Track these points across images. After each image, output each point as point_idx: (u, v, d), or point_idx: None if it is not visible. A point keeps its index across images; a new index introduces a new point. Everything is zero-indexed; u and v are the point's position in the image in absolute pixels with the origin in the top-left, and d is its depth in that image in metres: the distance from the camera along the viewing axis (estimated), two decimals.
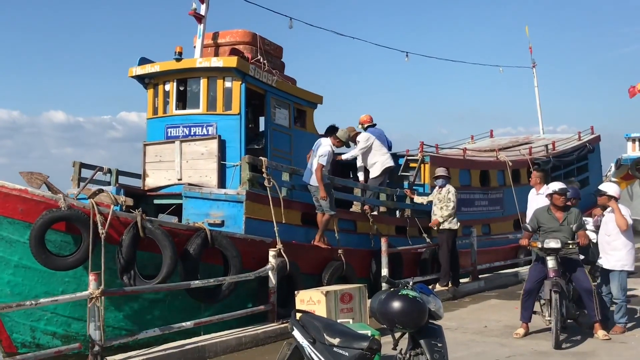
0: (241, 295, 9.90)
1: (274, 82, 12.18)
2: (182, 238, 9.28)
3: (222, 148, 11.28)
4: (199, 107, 11.71)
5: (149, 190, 11.75)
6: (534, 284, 9.17)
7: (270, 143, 12.12)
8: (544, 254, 9.00)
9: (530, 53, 27.86)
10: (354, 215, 12.84)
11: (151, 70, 11.98)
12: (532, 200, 11.48)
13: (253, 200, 10.49)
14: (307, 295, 9.08)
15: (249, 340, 8.94)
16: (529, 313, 9.29)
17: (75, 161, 12.19)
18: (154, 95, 12.22)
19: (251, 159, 10.62)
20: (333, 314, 8.81)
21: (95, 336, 7.55)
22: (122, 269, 8.79)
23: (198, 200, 10.68)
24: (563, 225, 9.13)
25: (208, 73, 11.62)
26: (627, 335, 9.26)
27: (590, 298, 8.98)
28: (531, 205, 11.28)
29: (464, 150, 17.93)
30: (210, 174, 11.19)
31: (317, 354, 5.45)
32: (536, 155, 19.59)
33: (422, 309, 5.74)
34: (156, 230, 8.88)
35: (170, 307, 9.46)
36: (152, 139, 12.06)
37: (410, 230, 13.78)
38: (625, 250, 9.39)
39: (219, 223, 10.38)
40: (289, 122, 12.75)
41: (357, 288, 9.51)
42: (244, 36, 12.58)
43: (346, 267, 11.31)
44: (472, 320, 10.58)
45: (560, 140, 22.68)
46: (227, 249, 9.57)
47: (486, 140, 25.02)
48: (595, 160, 23.77)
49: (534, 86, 27.85)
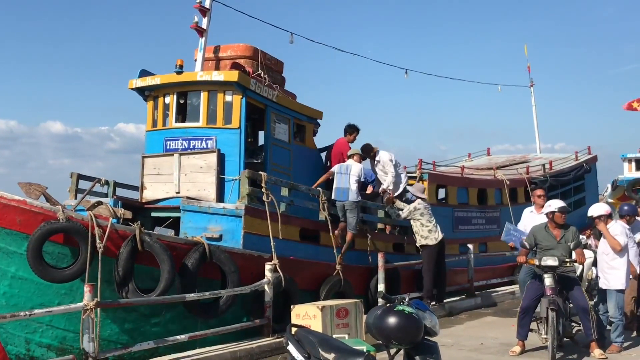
0: (237, 311, 9.80)
1: (275, 97, 12.14)
2: (181, 252, 9.20)
3: (221, 162, 11.19)
4: (199, 120, 11.63)
5: (146, 203, 11.65)
6: (531, 301, 9.08)
7: (269, 158, 12.06)
8: (542, 271, 8.92)
9: (529, 72, 28.02)
10: None
11: (151, 82, 11.93)
12: (527, 218, 11.27)
13: (252, 215, 10.42)
14: (303, 310, 8.99)
15: (244, 354, 8.85)
16: (526, 331, 9.20)
17: (72, 172, 12.12)
18: (153, 108, 12.16)
19: (250, 174, 10.57)
20: (329, 329, 8.71)
21: (89, 348, 7.46)
22: (119, 282, 8.70)
23: (196, 214, 10.61)
24: (560, 243, 9.05)
25: (209, 87, 11.55)
26: (624, 354, 9.18)
27: (587, 316, 8.90)
28: (525, 222, 11.10)
29: (462, 168, 17.87)
30: (208, 188, 11.10)
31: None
32: (533, 174, 19.56)
33: (418, 325, 5.65)
34: (154, 243, 8.80)
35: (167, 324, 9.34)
36: (150, 151, 11.98)
37: (408, 247, 13.70)
38: (623, 269, 9.35)
39: (217, 237, 10.30)
40: (289, 137, 12.69)
41: (354, 303, 9.42)
42: (245, 50, 12.56)
43: (344, 283, 11.24)
44: (468, 337, 10.49)
45: (557, 159, 22.68)
46: (225, 264, 9.49)
47: (483, 158, 25.02)
48: (592, 180, 23.75)
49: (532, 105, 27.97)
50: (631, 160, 37.36)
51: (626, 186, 32.60)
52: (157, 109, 12.11)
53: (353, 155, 12.66)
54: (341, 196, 12.09)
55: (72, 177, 12.13)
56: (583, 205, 21.53)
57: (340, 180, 12.18)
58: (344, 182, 12.13)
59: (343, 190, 12.10)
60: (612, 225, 9.49)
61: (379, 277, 11.43)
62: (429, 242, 12.38)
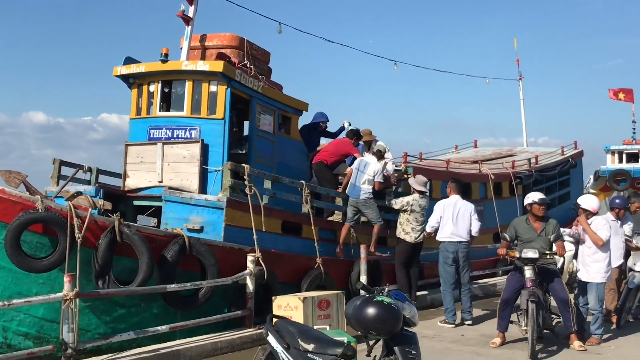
0: (216, 303, 9.76)
1: (260, 88, 12.08)
2: (160, 244, 9.15)
3: (204, 152, 11.12)
4: (183, 109, 11.56)
5: (128, 191, 11.57)
6: (511, 293, 9.14)
7: (253, 149, 12.01)
8: (522, 263, 8.97)
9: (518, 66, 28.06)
10: (334, 224, 12.76)
11: (136, 70, 11.83)
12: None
13: (233, 207, 10.37)
14: (284, 301, 8.99)
15: (225, 345, 8.84)
16: (506, 323, 9.26)
17: (55, 158, 12.05)
18: (138, 96, 12.07)
19: (233, 166, 10.51)
20: (310, 320, 8.72)
21: (69, 338, 7.42)
22: (97, 273, 8.65)
23: (178, 205, 10.55)
24: (541, 236, 9.11)
25: (193, 76, 11.49)
26: (603, 346, 9.25)
27: (566, 308, 8.99)
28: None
29: (447, 162, 17.90)
30: (191, 178, 11.04)
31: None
32: (519, 168, 19.63)
33: (396, 315, 5.68)
34: (133, 235, 8.76)
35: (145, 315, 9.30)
36: (134, 139, 11.89)
37: (390, 240, 13.70)
38: (605, 262, 9.42)
39: (198, 229, 10.26)
40: (274, 128, 12.65)
41: (335, 295, 9.42)
42: (231, 40, 12.48)
43: (325, 276, 11.22)
44: (449, 329, 10.53)
45: (544, 154, 22.78)
46: (205, 257, 9.46)
47: (470, 151, 25.09)
48: (578, 175, 23.88)
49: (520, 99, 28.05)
50: (614, 152, 37.61)
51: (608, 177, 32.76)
52: (142, 97, 12.02)
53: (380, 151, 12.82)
54: (352, 193, 12.37)
55: (54, 163, 12.05)
56: (568, 200, 21.70)
57: (355, 177, 12.43)
58: (358, 179, 12.36)
59: (355, 187, 12.33)
60: (595, 219, 9.53)
61: (361, 269, 11.44)
62: (407, 238, 12.16)
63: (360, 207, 12.33)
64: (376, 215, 12.39)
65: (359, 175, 12.41)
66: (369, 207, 12.32)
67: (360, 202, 12.29)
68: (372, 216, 12.38)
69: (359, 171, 12.45)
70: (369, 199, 12.32)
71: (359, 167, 12.50)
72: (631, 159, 36.91)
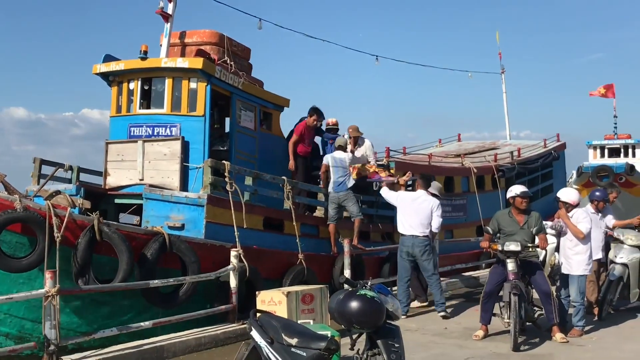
0: (198, 300, 9.77)
1: (240, 84, 12.11)
2: (140, 242, 9.16)
3: (185, 149, 11.14)
4: (163, 107, 11.57)
5: (110, 189, 11.57)
6: (493, 286, 9.25)
7: (234, 145, 12.04)
8: (504, 256, 9.07)
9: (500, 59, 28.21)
10: (317, 220, 12.82)
11: (116, 68, 11.81)
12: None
13: (214, 204, 10.38)
14: (268, 296, 9.03)
15: (209, 340, 8.85)
16: (489, 315, 9.36)
17: (35, 157, 12.00)
18: (118, 93, 12.04)
19: (213, 163, 10.52)
20: (294, 315, 8.77)
21: (51, 335, 7.41)
22: (77, 272, 8.64)
23: (159, 203, 10.54)
24: (523, 229, 9.21)
25: (173, 73, 11.50)
26: (585, 338, 9.39)
27: (548, 301, 9.11)
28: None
29: (429, 156, 18.00)
30: (172, 175, 11.05)
31: (274, 354, 5.39)
32: (501, 161, 19.78)
33: (379, 309, 5.73)
34: (113, 234, 8.76)
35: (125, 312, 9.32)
36: (114, 137, 11.88)
37: (373, 235, 13.78)
38: (586, 255, 9.53)
39: (179, 226, 10.27)
40: (255, 124, 12.68)
41: (319, 289, 9.48)
42: (211, 37, 12.47)
43: (307, 272, 11.24)
44: (432, 322, 10.62)
45: (526, 146, 22.95)
46: (185, 254, 9.47)
47: (454, 144, 25.23)
48: (560, 167, 24.10)
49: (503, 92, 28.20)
50: (596, 147, 37.94)
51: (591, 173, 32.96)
52: (122, 95, 12.00)
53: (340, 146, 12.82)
54: (332, 188, 12.48)
55: (34, 162, 12.00)
56: (550, 192, 21.85)
57: (332, 173, 12.52)
58: (335, 174, 12.46)
59: (334, 182, 12.45)
60: (575, 212, 9.65)
61: (344, 263, 11.50)
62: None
63: (341, 201, 12.41)
64: (357, 208, 12.48)
65: (334, 170, 12.48)
66: (350, 200, 12.38)
67: (341, 196, 12.36)
68: (352, 209, 12.45)
69: (334, 167, 12.52)
70: (348, 192, 12.40)
71: (332, 163, 12.57)
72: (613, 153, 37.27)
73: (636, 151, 37.52)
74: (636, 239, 10.85)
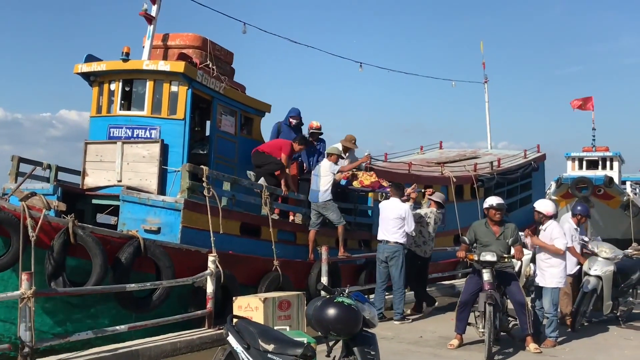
0: (173, 305, 9.81)
1: (222, 89, 12.22)
2: (114, 246, 9.22)
3: (164, 152, 11.24)
4: (144, 109, 11.68)
5: (87, 190, 11.61)
6: (469, 295, 9.39)
7: (214, 150, 12.15)
8: (480, 266, 9.23)
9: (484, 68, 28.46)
10: (294, 226, 12.91)
11: (97, 68, 11.90)
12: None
13: (191, 209, 10.45)
14: (245, 302, 9.14)
15: (184, 345, 8.92)
16: (464, 324, 9.50)
17: (14, 155, 12.01)
18: (98, 94, 12.12)
19: (191, 167, 10.58)
20: (270, 321, 8.89)
21: (26, 337, 7.43)
22: (50, 274, 8.67)
23: (135, 205, 10.59)
24: (499, 240, 9.38)
25: (155, 76, 11.61)
26: (558, 349, 9.55)
27: (523, 311, 9.25)
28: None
29: (409, 164, 18.17)
30: (150, 178, 11.14)
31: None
32: (481, 171, 19.98)
33: (356, 316, 5.84)
34: (87, 237, 8.81)
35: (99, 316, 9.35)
36: (94, 137, 11.95)
37: (350, 242, 13.88)
38: (560, 267, 9.69)
39: (155, 230, 10.32)
40: (235, 129, 12.79)
41: (296, 295, 9.61)
42: (193, 40, 12.60)
43: (282, 278, 11.28)
44: (408, 330, 10.77)
45: (507, 157, 23.15)
46: (160, 259, 9.52)
47: (435, 152, 25.42)
48: (540, 178, 24.34)
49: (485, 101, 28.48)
50: (575, 159, 38.39)
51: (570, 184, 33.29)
52: (102, 95, 12.09)
53: (331, 154, 12.91)
54: (312, 197, 12.71)
55: (12, 160, 12.00)
56: (529, 203, 22.04)
57: (313, 182, 12.74)
58: (315, 183, 12.64)
59: (314, 192, 12.61)
60: (549, 225, 9.77)
61: (322, 270, 11.62)
62: (417, 251, 12.35)
63: (321, 209, 12.58)
64: (337, 216, 12.64)
65: (315, 180, 12.68)
66: (329, 209, 12.56)
67: (320, 205, 12.56)
68: (333, 218, 12.62)
69: (315, 176, 12.73)
70: (328, 201, 12.56)
71: (315, 172, 12.80)
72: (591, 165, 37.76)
73: (614, 164, 38.08)
74: (610, 252, 11.09)
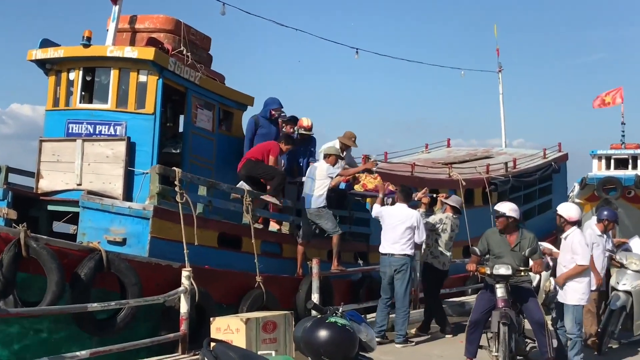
0: (139, 327, 9.75)
1: (197, 79, 12.16)
2: (73, 260, 9.13)
3: (131, 152, 11.17)
4: (107, 102, 11.61)
5: (42, 194, 11.54)
6: (480, 314, 9.35)
7: (189, 149, 12.09)
8: (493, 281, 9.20)
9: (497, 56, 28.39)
10: (280, 237, 12.81)
11: (54, 54, 11.81)
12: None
13: (161, 217, 10.37)
14: (224, 323, 9.08)
15: None
16: (475, 347, 9.44)
17: None
18: (55, 84, 12.04)
19: (162, 169, 10.52)
20: (254, 345, 8.84)
21: None
22: None
23: (97, 213, 10.49)
24: (515, 251, 9.34)
25: (120, 64, 11.53)
26: None
27: (542, 332, 9.21)
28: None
29: (412, 166, 18.14)
30: (115, 181, 11.08)
31: None
32: (494, 173, 19.96)
33: (351, 338, 5.80)
34: (41, 250, 8.71)
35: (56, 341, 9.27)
36: (50, 134, 11.88)
37: (345, 255, 13.83)
38: (583, 283, 9.66)
39: (119, 241, 10.24)
40: (213, 125, 12.74)
41: (283, 316, 9.55)
42: (165, 23, 12.54)
43: (267, 296, 11.19)
44: (410, 355, 10.76)
45: (524, 156, 23.12)
46: (125, 275, 9.45)
47: (442, 151, 25.38)
48: (561, 181, 24.36)
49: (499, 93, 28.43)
50: (601, 157, 38.25)
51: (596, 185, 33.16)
52: (60, 86, 12.01)
53: (328, 155, 12.86)
54: (304, 203, 12.68)
55: None
56: (549, 209, 22.08)
57: (305, 186, 12.72)
58: (308, 187, 12.62)
59: (307, 196, 12.64)
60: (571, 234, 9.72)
61: (312, 287, 11.59)
62: (435, 263, 12.50)
63: (314, 218, 12.54)
64: (332, 224, 12.58)
65: (309, 182, 12.64)
66: (323, 217, 12.51)
67: (313, 212, 12.50)
68: (327, 226, 12.58)
69: (309, 178, 12.68)
70: (322, 207, 12.51)
71: (309, 174, 12.75)
72: (620, 165, 37.65)
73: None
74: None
